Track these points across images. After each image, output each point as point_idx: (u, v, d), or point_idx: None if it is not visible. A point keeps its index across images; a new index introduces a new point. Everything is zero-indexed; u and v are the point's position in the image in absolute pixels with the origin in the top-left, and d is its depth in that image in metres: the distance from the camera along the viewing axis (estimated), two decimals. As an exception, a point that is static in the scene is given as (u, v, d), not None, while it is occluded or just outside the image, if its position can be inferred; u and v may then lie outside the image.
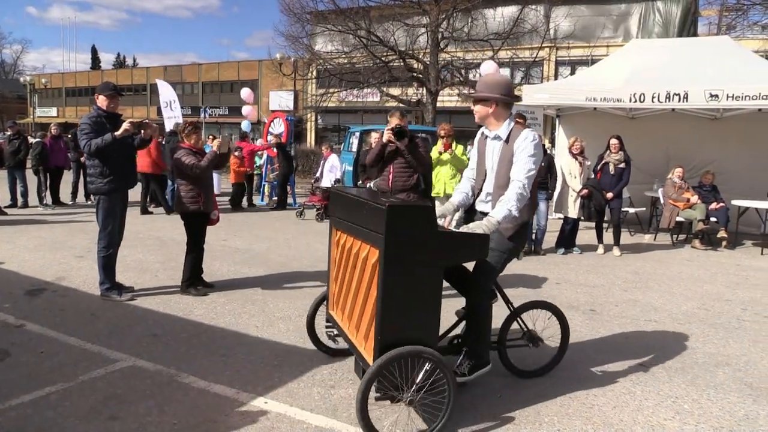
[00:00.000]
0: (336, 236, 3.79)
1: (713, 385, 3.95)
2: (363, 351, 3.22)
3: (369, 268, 3.13)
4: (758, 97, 8.49)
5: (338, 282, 3.71)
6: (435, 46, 18.63)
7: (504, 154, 3.54)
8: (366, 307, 3.20)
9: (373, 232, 3.05)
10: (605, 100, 9.40)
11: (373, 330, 3.05)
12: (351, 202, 3.50)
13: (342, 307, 3.65)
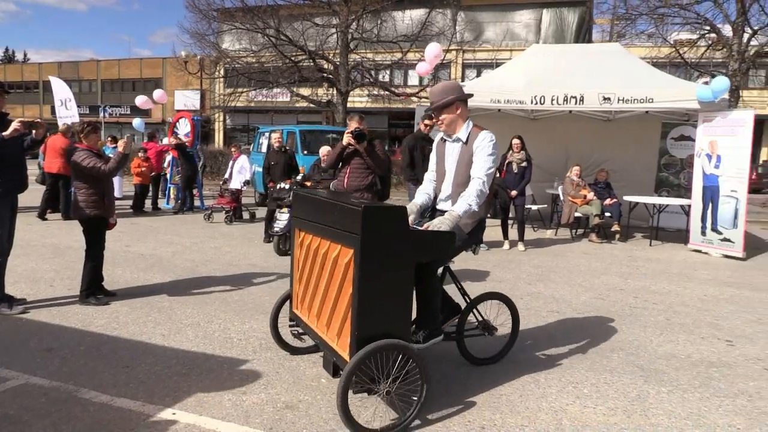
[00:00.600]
0: (300, 237, 3.90)
1: (609, 369, 4.21)
2: (336, 347, 3.34)
3: (340, 268, 3.26)
4: (645, 100, 9.14)
5: (303, 282, 3.83)
6: (345, 47, 18.68)
7: (463, 154, 3.77)
8: (338, 305, 3.32)
9: (346, 233, 3.16)
10: (508, 101, 9.78)
11: (346, 326, 3.20)
12: (319, 204, 3.60)
13: (309, 306, 3.76)
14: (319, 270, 3.56)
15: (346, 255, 3.19)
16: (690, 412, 3.59)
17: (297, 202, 4.01)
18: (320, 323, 3.57)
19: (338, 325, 3.32)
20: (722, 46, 18.32)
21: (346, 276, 3.20)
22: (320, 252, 3.54)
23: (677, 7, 18.46)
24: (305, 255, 3.79)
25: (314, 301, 3.66)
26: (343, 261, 3.23)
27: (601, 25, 28.98)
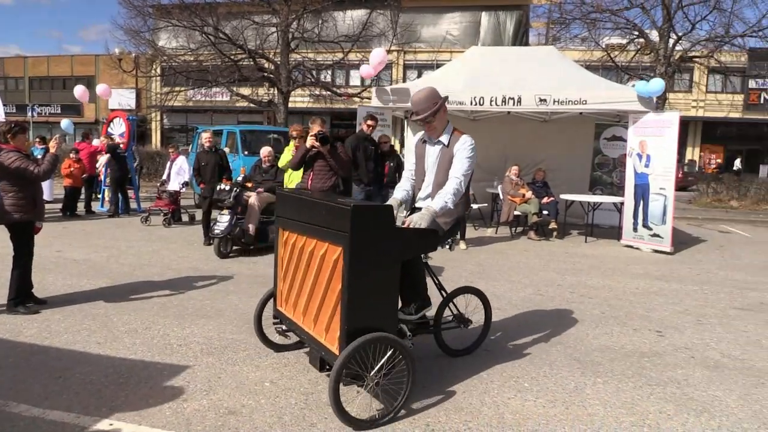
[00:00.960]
0: (284, 236, 4.01)
1: (548, 363, 4.34)
2: (324, 342, 3.46)
3: (328, 265, 3.39)
4: (579, 102, 9.46)
5: (288, 280, 3.94)
6: (285, 46, 18.48)
7: (444, 156, 3.98)
8: (325, 301, 3.45)
9: (334, 231, 3.30)
10: (449, 102, 9.86)
11: (335, 321, 3.33)
12: (305, 203, 3.73)
13: (294, 304, 3.87)
14: (305, 267, 3.67)
15: (334, 252, 3.33)
16: (624, 401, 3.75)
17: (281, 201, 4.13)
18: (307, 319, 3.69)
19: (326, 321, 3.44)
20: (650, 50, 19.17)
21: (334, 273, 3.33)
22: (306, 250, 3.65)
23: (608, 13, 19.21)
24: (290, 253, 3.90)
25: (300, 298, 3.77)
26: (331, 258, 3.35)
27: (537, 28, 29.83)
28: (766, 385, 4.08)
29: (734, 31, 18.28)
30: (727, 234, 12.30)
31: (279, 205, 4.18)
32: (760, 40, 18.71)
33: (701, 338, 5.08)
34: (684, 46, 19.09)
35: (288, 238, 3.94)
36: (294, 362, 4.19)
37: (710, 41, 18.87)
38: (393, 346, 3.33)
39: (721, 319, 5.67)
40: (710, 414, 3.61)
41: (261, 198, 8.31)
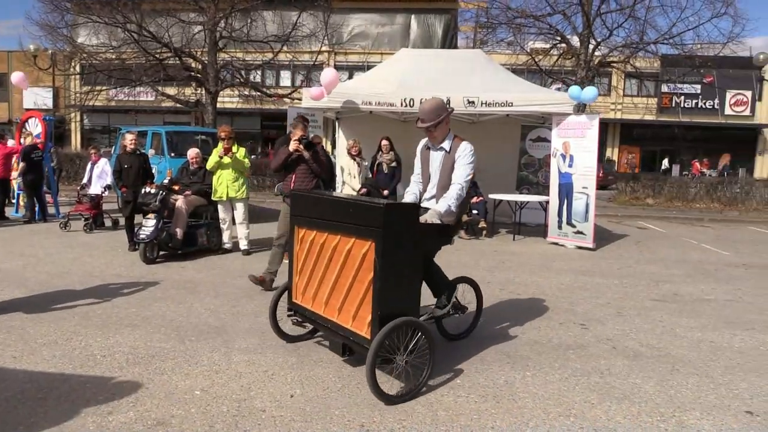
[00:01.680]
0: (300, 234, 4.31)
1: (479, 359, 4.45)
2: (351, 328, 3.81)
3: (354, 258, 3.74)
4: (505, 104, 9.74)
5: (305, 274, 4.24)
6: (213, 45, 18.04)
7: (446, 162, 4.38)
8: (351, 292, 3.80)
9: (364, 227, 3.65)
10: (380, 104, 9.98)
11: (363, 309, 3.70)
12: (328, 202, 4.10)
13: (313, 296, 4.18)
14: (327, 262, 4.00)
15: (362, 247, 3.69)
16: (551, 392, 3.89)
17: (298, 201, 4.43)
18: (329, 309, 4.02)
19: (353, 309, 3.79)
20: (572, 55, 19.96)
21: (362, 265, 3.69)
22: (328, 246, 3.99)
23: (532, 18, 19.85)
24: (307, 250, 4.22)
25: (320, 290, 4.10)
26: (358, 252, 3.71)
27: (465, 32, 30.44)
28: (680, 371, 4.33)
29: (648, 38, 19.31)
30: (644, 230, 12.99)
31: (295, 205, 4.46)
32: (671, 47, 19.88)
33: (621, 329, 5.34)
34: (602, 52, 19.98)
35: (305, 235, 4.25)
36: (225, 369, 4.11)
37: (626, 47, 19.84)
38: (418, 328, 3.75)
39: (639, 311, 5.99)
40: (630, 401, 3.79)
41: (189, 201, 8.08)
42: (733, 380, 4.21)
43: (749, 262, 9.25)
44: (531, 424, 3.44)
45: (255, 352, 4.45)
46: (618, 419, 3.53)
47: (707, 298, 6.70)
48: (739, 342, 5.10)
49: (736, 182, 19.39)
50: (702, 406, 3.75)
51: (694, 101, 35.55)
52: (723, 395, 3.94)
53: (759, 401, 3.86)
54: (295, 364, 4.23)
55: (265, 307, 5.59)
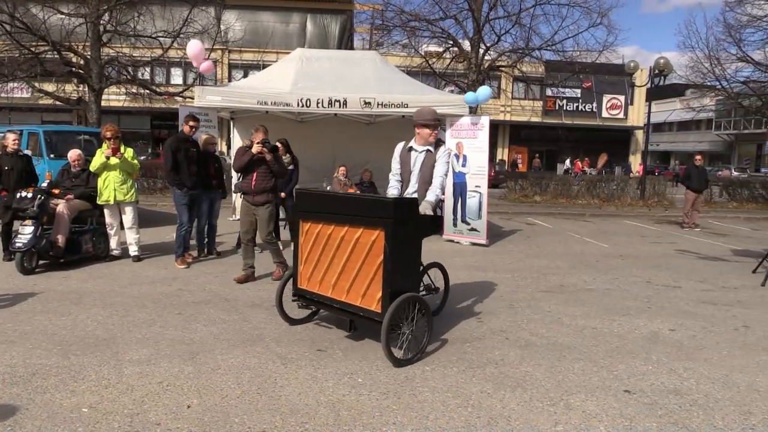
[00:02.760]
0: (305, 227, 4.90)
1: (380, 356, 4.49)
2: (360, 305, 4.50)
3: (363, 245, 4.44)
4: (401, 105, 9.92)
5: (311, 262, 4.86)
6: (96, 40, 16.99)
7: (428, 160, 5.09)
8: (360, 274, 4.48)
9: (373, 218, 4.35)
10: (275, 104, 9.83)
11: (372, 288, 4.41)
12: (336, 199, 4.96)
13: (320, 280, 4.80)
14: (335, 250, 4.64)
15: (370, 235, 4.38)
16: (450, 385, 4.02)
17: (303, 198, 5.01)
18: (337, 291, 4.66)
19: (363, 289, 4.47)
20: (463, 59, 20.71)
21: (371, 251, 4.38)
22: (335, 236, 4.63)
23: (426, 22, 20.39)
24: (313, 241, 4.83)
25: (327, 275, 4.72)
26: (367, 240, 4.40)
27: (361, 33, 30.71)
28: (567, 357, 4.62)
29: (533, 44, 20.43)
30: (532, 226, 13.71)
31: (300, 201, 5.03)
32: (553, 54, 21.15)
33: (514, 321, 5.61)
34: (492, 56, 20.89)
35: (311, 228, 4.84)
36: (116, 383, 3.88)
37: (513, 52, 20.88)
38: (420, 302, 4.48)
39: (530, 302, 6.32)
40: (523, 388, 4.00)
41: (71, 206, 7.55)
42: (613, 363, 4.55)
43: (625, 252, 10.03)
44: (431, 417, 3.53)
45: (148, 363, 4.25)
46: (512, 406, 3.71)
47: (589, 287, 7.19)
48: (617, 327, 5.52)
49: (613, 179, 20.93)
50: (586, 389, 4.03)
51: (575, 104, 38.09)
52: (604, 377, 4.25)
53: (635, 380, 4.20)
54: (192, 373, 4.08)
55: (158, 316, 5.38)
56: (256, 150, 6.58)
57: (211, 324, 5.21)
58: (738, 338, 5.30)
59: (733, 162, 45.68)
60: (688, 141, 51.27)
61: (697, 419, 3.62)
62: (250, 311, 5.65)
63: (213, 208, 8.42)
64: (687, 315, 6.04)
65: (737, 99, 23.93)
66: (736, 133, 45.55)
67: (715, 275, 8.23)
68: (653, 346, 5.00)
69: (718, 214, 17.56)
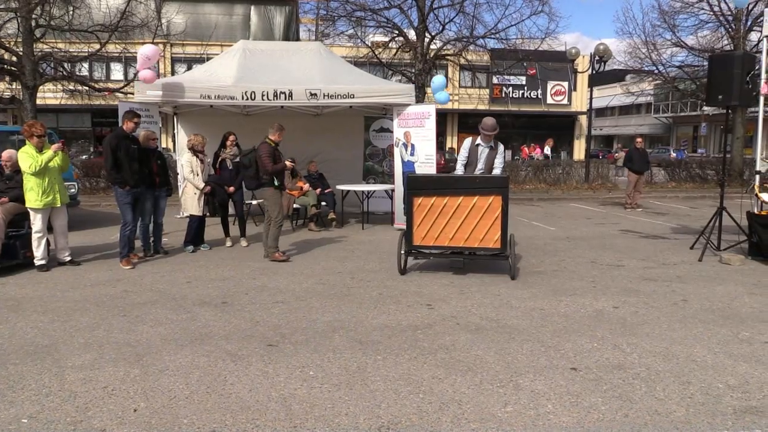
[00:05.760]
0: (419, 201, 6.80)
1: (332, 348, 4.49)
2: (479, 245, 6.73)
3: (480, 208, 6.66)
4: (348, 96, 9.88)
5: (427, 225, 6.79)
6: (29, 35, 16.23)
7: (491, 154, 7.42)
8: (478, 226, 6.68)
9: (490, 188, 6.68)
10: (219, 97, 9.64)
11: (490, 232, 6.68)
12: (450, 179, 7.32)
13: (436, 237, 6.80)
14: (451, 214, 6.71)
15: (486, 200, 6.64)
16: (402, 372, 4.04)
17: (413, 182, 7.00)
18: (455, 240, 6.76)
19: (482, 235, 6.69)
20: (409, 48, 20.74)
21: (487, 210, 6.64)
22: (450, 205, 6.71)
23: (371, 12, 20.32)
24: (428, 209, 6.76)
25: (444, 232, 6.75)
26: (484, 204, 6.64)
27: (306, 24, 30.39)
28: (516, 339, 4.72)
29: (477, 32, 20.63)
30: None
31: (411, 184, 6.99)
32: (498, 42, 21.43)
33: (464, 306, 5.68)
34: (438, 45, 21.00)
35: (423, 202, 6.79)
36: (57, 390, 3.75)
37: (458, 41, 21.04)
38: (512, 240, 6.81)
39: (479, 287, 6.41)
40: (474, 372, 4.06)
41: (6, 209, 7.22)
42: (560, 342, 4.67)
43: (571, 235, 10.29)
44: (383, 405, 3.54)
45: (92, 368, 4.11)
46: (463, 390, 3.76)
47: (537, 270, 7.35)
48: (564, 307, 5.66)
49: (559, 164, 21.43)
50: (535, 369, 4.12)
51: (520, 92, 38.77)
52: (552, 356, 4.36)
53: (581, 358, 4.32)
54: (138, 376, 3.98)
55: (102, 319, 5.23)
56: (290, 165, 8.14)
57: (158, 324, 5.09)
58: (677, 312, 5.52)
59: (671, 143, 47.45)
60: (630, 124, 52.88)
61: (639, 392, 3.75)
62: (199, 309, 5.54)
63: (158, 206, 8.20)
64: (630, 292, 6.25)
65: (674, 83, 24.83)
66: (674, 116, 47.24)
67: (656, 253, 8.54)
68: (598, 323, 5.15)
69: (658, 194, 18.22)
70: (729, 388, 3.81)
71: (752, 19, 19.97)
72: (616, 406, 3.55)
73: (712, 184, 19.28)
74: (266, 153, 7.69)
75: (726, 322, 5.20)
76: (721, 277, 7.01)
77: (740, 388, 3.80)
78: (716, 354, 4.41)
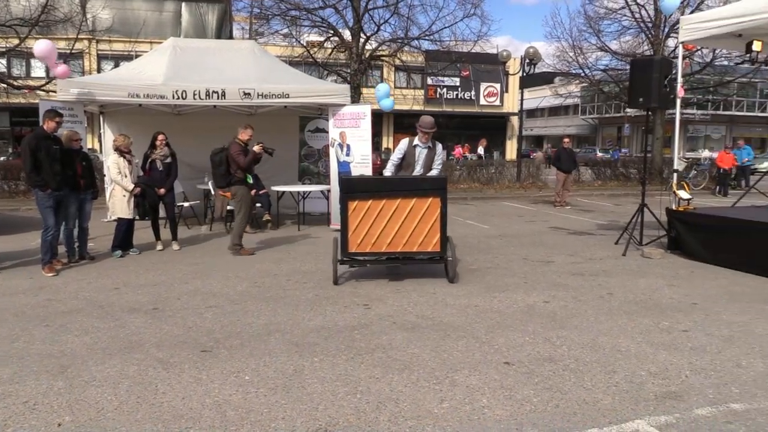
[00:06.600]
0: (353, 205, 6.37)
1: (267, 352, 4.43)
2: (417, 249, 6.48)
3: (418, 210, 6.40)
4: (282, 95, 9.78)
5: (363, 231, 6.38)
6: (-64, 29, 15.23)
7: (429, 154, 7.18)
8: (417, 229, 6.42)
9: (428, 190, 6.44)
10: (149, 96, 9.33)
11: (428, 236, 6.44)
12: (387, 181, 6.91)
13: (373, 243, 6.42)
14: (389, 218, 6.37)
15: (424, 202, 6.39)
16: (339, 374, 4.03)
17: (346, 184, 6.54)
18: (392, 246, 6.43)
19: (420, 239, 6.44)
20: (345, 48, 20.72)
21: (426, 212, 6.39)
22: (388, 208, 6.37)
23: (306, 11, 20.16)
24: (364, 213, 6.36)
25: (381, 237, 6.40)
26: (422, 206, 6.39)
27: (240, 22, 29.80)
28: (451, 336, 4.80)
29: (412, 34, 20.83)
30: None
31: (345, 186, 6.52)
32: (432, 43, 21.72)
33: (400, 305, 5.73)
34: (373, 46, 21.07)
35: (359, 206, 6.36)
36: (-29, 406, 3.52)
37: (393, 42, 21.18)
38: (450, 242, 6.57)
39: (415, 286, 6.48)
40: (410, 370, 4.10)
41: None
42: (494, 337, 4.78)
43: (503, 232, 10.57)
44: (320, 407, 3.52)
45: (11, 382, 3.89)
46: (400, 389, 3.79)
47: (471, 268, 7.50)
48: (497, 303, 5.81)
49: (492, 164, 21.94)
50: (470, 364, 4.20)
51: (454, 93, 39.44)
52: (486, 352, 4.46)
53: (514, 352, 4.44)
54: (63, 388, 3.79)
55: (22, 330, 4.98)
56: (258, 150, 8.16)
57: (84, 334, 4.87)
58: (603, 305, 5.77)
59: (597, 144, 49.48)
60: (558, 125, 54.80)
61: (569, 383, 3.89)
62: (128, 316, 5.34)
63: (83, 210, 7.84)
64: (559, 287, 6.48)
65: (599, 86, 25.91)
66: (600, 117, 49.32)
67: (584, 248, 8.89)
68: (530, 318, 5.31)
69: (585, 192, 18.96)
70: (651, 375, 4.01)
71: (670, 26, 21.08)
72: (547, 397, 3.67)
73: (634, 182, 20.21)
74: (237, 151, 8.09)
75: (648, 313, 5.47)
76: (643, 270, 7.37)
77: (661, 375, 4.01)
78: (639, 343, 4.64)
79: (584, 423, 3.34)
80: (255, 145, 8.26)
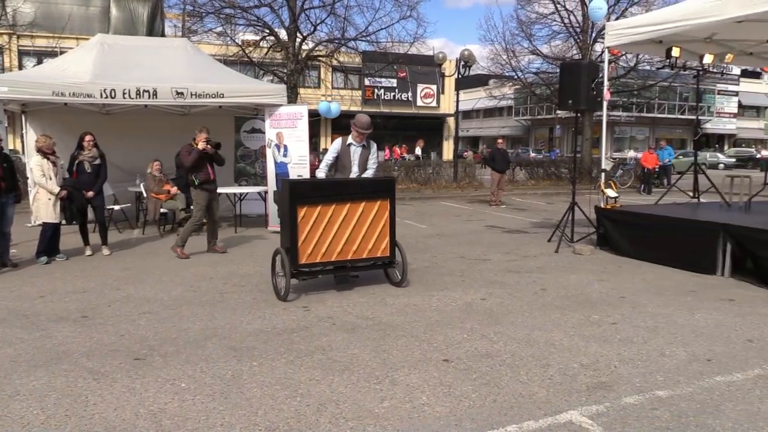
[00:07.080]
0: (302, 212, 5.82)
1: (204, 358, 4.33)
2: (367, 255, 6.18)
3: (368, 214, 6.11)
4: (216, 95, 9.59)
5: (313, 239, 5.89)
6: None
7: (364, 153, 6.79)
8: (367, 234, 6.13)
9: (377, 192, 6.20)
10: (75, 95, 8.94)
11: (379, 241, 6.21)
12: (334, 184, 6.37)
13: (324, 252, 5.96)
14: (342, 222, 5.98)
15: (373, 206, 6.14)
16: (279, 377, 3.99)
17: (296, 188, 5.97)
18: (343, 253, 6.03)
19: (370, 245, 6.16)
20: (281, 48, 20.47)
21: (375, 216, 6.14)
22: (337, 213, 5.96)
23: (240, 9, 19.79)
24: (314, 220, 5.86)
25: (332, 246, 5.97)
26: (371, 210, 6.12)
27: (172, 19, 28.94)
28: (391, 336, 4.83)
29: (348, 35, 20.83)
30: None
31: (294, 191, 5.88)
32: (369, 44, 21.78)
33: (340, 306, 5.72)
34: (310, 46, 20.93)
35: (308, 212, 5.85)
36: None
37: (330, 42, 21.10)
38: (399, 245, 6.39)
39: (356, 286, 6.48)
40: (350, 371, 4.10)
41: None
42: (433, 335, 4.85)
43: (441, 232, 10.73)
44: (260, 412, 3.48)
45: (-76, 398, 3.64)
46: (340, 390, 3.79)
47: (410, 267, 7.50)
48: (436, 302, 5.89)
49: (429, 164, 22.21)
50: (409, 363, 4.25)
51: (392, 94, 39.72)
52: (425, 350, 4.51)
53: (453, 349, 4.52)
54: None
55: (-65, 342, 4.64)
56: (202, 147, 7.91)
57: (7, 345, 4.61)
58: (537, 300, 5.95)
59: (530, 144, 50.98)
60: (493, 126, 56.06)
61: (505, 377, 3.99)
62: (55, 326, 5.10)
63: (5, 215, 7.42)
64: (496, 284, 6.64)
65: (531, 88, 26.71)
66: (532, 119, 50.86)
67: (518, 246, 9.14)
68: (468, 315, 5.42)
69: (519, 191, 19.49)
70: (583, 367, 4.17)
71: (597, 32, 21.95)
72: (485, 392, 3.75)
73: (565, 181, 20.93)
74: (185, 151, 8.09)
75: (579, 307, 5.69)
76: (574, 266, 7.65)
77: (592, 366, 4.18)
78: (571, 337, 4.81)
79: (520, 416, 3.44)
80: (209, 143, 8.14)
